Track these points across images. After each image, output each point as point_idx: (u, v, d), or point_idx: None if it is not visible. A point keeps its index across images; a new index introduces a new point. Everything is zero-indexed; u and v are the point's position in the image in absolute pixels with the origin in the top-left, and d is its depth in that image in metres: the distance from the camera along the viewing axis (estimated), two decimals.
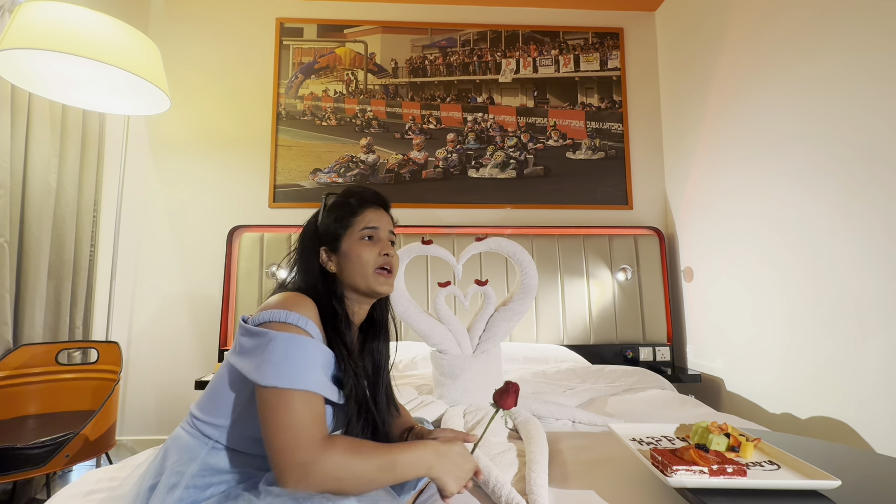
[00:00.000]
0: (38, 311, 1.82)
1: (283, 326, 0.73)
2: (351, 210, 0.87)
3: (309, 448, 0.67)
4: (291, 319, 0.74)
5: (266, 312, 0.75)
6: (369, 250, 0.85)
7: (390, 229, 0.91)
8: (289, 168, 2.56)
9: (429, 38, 2.71)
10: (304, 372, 0.71)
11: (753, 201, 1.98)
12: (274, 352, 0.71)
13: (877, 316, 1.46)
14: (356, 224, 0.86)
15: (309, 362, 0.73)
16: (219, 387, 0.79)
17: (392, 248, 0.89)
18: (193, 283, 2.43)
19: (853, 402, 1.54)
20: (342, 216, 0.87)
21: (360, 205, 0.88)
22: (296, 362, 0.71)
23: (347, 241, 0.86)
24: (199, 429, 0.79)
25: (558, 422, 1.40)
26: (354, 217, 0.87)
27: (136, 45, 1.74)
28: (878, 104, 1.46)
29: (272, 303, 0.78)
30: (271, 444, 0.69)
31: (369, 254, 0.85)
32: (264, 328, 0.74)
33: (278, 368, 0.70)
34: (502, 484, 0.90)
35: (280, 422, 0.68)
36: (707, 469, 0.79)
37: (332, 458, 0.68)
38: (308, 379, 0.71)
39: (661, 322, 2.46)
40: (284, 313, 0.74)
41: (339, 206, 0.89)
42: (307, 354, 0.73)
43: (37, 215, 1.84)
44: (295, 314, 0.74)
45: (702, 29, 2.36)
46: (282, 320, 0.74)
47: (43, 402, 1.73)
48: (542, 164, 2.66)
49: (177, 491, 0.73)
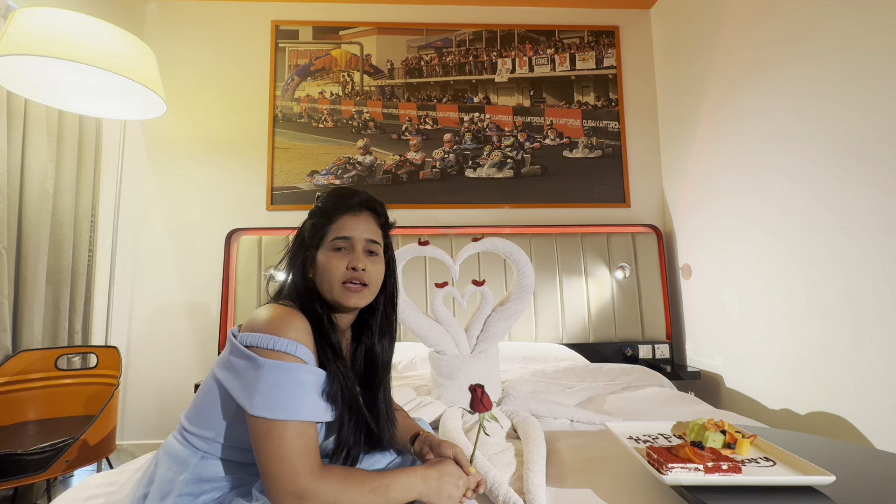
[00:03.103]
0: (36, 317, 1.83)
1: (272, 354, 0.71)
2: (327, 217, 0.85)
3: (305, 478, 0.68)
4: (280, 346, 0.71)
5: (255, 336, 0.72)
6: (337, 262, 0.82)
7: (369, 238, 0.85)
8: (286, 170, 2.56)
9: (424, 38, 2.71)
10: (295, 402, 0.70)
11: (751, 198, 1.98)
12: (262, 380, 0.70)
13: (874, 311, 1.47)
14: (329, 233, 0.84)
15: (300, 391, 0.72)
16: (207, 398, 0.78)
17: (365, 260, 0.83)
18: (192, 287, 2.43)
19: (852, 397, 1.54)
20: (318, 224, 0.85)
21: (335, 210, 0.85)
22: (286, 392, 0.70)
23: (322, 251, 0.84)
24: (188, 440, 0.78)
25: (556, 421, 1.40)
26: (329, 225, 0.84)
27: (131, 49, 1.74)
28: (873, 100, 1.47)
29: (261, 322, 0.74)
30: (265, 473, 0.69)
31: (337, 266, 0.82)
32: (254, 351, 0.72)
33: (267, 399, 0.69)
34: (500, 483, 0.90)
35: (274, 453, 0.68)
36: (702, 466, 0.79)
37: (327, 486, 0.69)
38: (300, 409, 0.71)
39: (659, 320, 2.46)
40: (273, 340, 0.71)
41: (317, 213, 0.87)
42: (298, 383, 0.72)
43: (34, 221, 1.84)
44: (284, 340, 0.72)
45: (697, 26, 2.36)
46: (270, 347, 0.71)
47: (43, 408, 1.73)
48: (539, 164, 2.66)
49: (169, 499, 0.73)
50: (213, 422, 0.77)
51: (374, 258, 0.86)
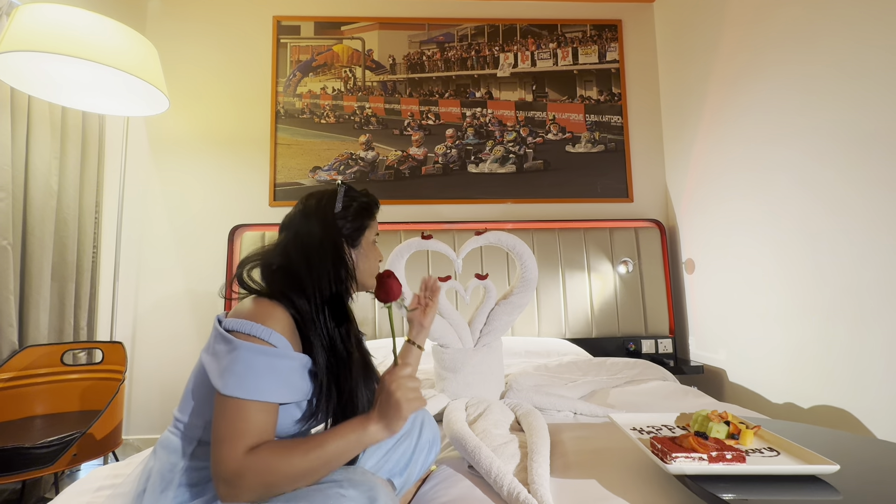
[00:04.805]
0: (42, 313, 1.84)
1: (248, 338, 0.74)
2: (369, 213, 0.94)
3: (236, 460, 0.67)
4: (256, 332, 0.74)
5: (237, 321, 0.75)
6: (376, 254, 0.95)
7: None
8: (288, 166, 2.56)
9: (426, 33, 2.71)
10: (255, 384, 0.71)
11: (754, 192, 1.97)
12: (235, 361, 0.72)
13: (877, 305, 1.46)
14: (371, 228, 0.94)
15: (267, 373, 0.73)
16: (195, 385, 0.80)
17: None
18: (196, 283, 2.44)
19: (855, 390, 1.54)
20: (361, 217, 0.92)
21: (372, 208, 0.95)
22: (249, 373, 0.71)
23: (364, 242, 0.92)
24: (181, 430, 0.79)
25: (560, 413, 1.41)
26: (371, 220, 0.94)
27: (133, 45, 1.74)
28: (877, 96, 1.46)
29: (244, 310, 0.78)
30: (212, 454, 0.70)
31: (376, 257, 0.95)
32: (234, 336, 0.74)
33: (236, 378, 0.71)
34: (504, 474, 0.91)
35: (221, 431, 0.69)
36: (706, 456, 0.80)
37: (256, 461, 0.67)
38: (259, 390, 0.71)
39: (662, 314, 2.46)
40: (251, 325, 0.74)
41: (359, 209, 0.92)
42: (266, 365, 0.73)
43: (39, 217, 1.85)
44: (260, 327, 0.74)
45: (701, 19, 2.35)
46: (247, 332, 0.74)
47: (49, 403, 1.75)
48: (541, 158, 2.65)
49: (170, 491, 0.74)
50: (203, 406, 0.78)
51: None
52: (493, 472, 0.92)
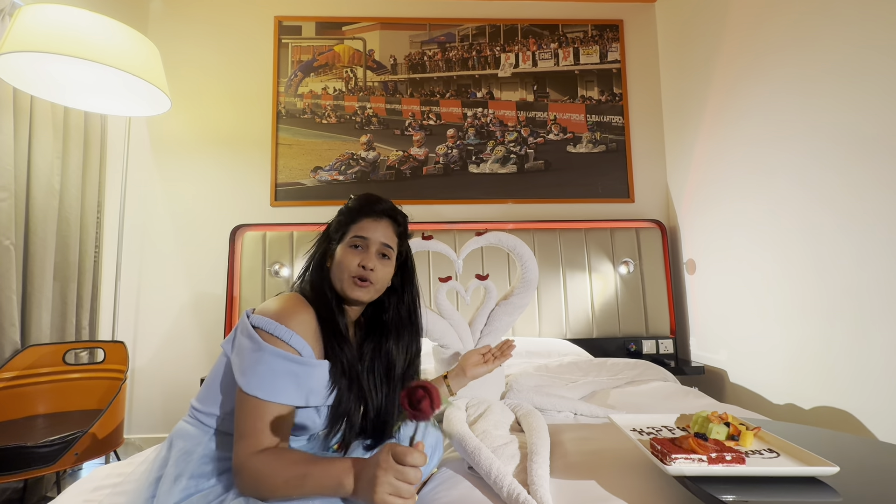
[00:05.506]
0: (44, 313, 1.84)
1: (271, 339, 0.77)
2: (351, 217, 0.94)
3: (247, 455, 0.73)
4: (279, 333, 0.77)
5: (263, 320, 0.79)
6: (351, 258, 0.90)
7: (384, 242, 0.94)
8: (290, 166, 2.57)
9: (427, 33, 2.71)
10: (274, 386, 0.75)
11: (755, 193, 1.97)
12: (259, 362, 0.76)
13: (878, 306, 1.46)
14: (350, 231, 0.93)
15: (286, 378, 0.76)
16: (218, 377, 0.83)
17: (375, 261, 0.91)
18: (197, 282, 2.45)
19: (856, 391, 1.54)
20: (343, 221, 0.95)
21: (360, 212, 0.94)
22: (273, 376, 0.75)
23: (341, 245, 0.93)
24: (199, 419, 0.82)
25: (560, 414, 1.40)
26: (352, 224, 0.93)
27: (135, 46, 1.74)
28: (877, 97, 1.45)
29: (272, 309, 0.81)
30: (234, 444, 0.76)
31: (350, 261, 0.90)
32: (258, 333, 0.78)
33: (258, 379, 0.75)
34: (504, 475, 0.91)
35: (241, 427, 0.75)
36: (706, 457, 0.80)
37: (251, 468, 0.72)
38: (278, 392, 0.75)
39: (663, 315, 2.45)
40: (276, 326, 0.78)
41: (344, 212, 0.96)
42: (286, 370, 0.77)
43: (41, 217, 1.85)
44: (285, 329, 0.78)
45: (702, 19, 2.34)
46: (271, 332, 0.77)
47: (51, 402, 1.76)
48: (542, 159, 2.65)
49: (182, 481, 0.76)
50: (225, 398, 0.82)
51: (386, 261, 0.94)
52: (492, 474, 0.92)
